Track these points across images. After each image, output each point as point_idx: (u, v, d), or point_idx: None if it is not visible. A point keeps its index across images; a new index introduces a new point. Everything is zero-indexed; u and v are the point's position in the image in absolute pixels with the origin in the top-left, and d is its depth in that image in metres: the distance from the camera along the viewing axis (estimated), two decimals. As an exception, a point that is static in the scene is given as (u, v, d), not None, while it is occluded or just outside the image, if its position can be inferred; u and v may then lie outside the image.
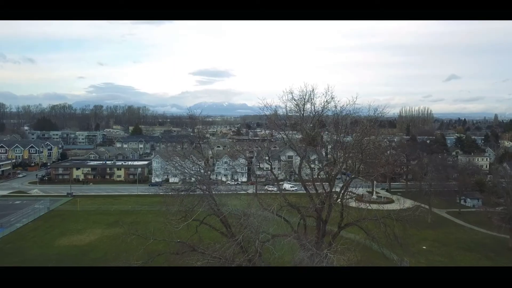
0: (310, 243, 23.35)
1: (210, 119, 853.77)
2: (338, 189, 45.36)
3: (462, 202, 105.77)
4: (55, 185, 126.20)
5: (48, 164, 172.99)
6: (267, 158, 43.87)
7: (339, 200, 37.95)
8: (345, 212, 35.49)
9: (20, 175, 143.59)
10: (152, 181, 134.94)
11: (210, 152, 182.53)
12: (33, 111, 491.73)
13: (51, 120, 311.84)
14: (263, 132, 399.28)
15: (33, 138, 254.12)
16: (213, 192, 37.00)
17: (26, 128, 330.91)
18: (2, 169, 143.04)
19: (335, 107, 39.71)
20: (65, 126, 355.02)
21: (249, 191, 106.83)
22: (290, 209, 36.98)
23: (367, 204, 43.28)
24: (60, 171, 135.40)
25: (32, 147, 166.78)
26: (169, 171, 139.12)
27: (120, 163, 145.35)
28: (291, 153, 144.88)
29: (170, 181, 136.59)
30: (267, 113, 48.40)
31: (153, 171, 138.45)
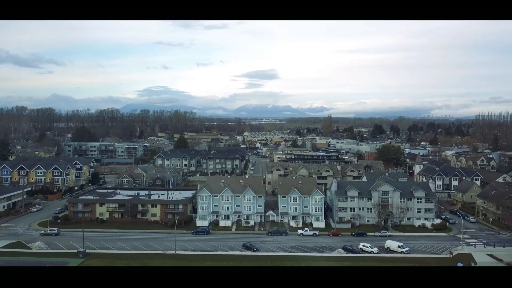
0: None
1: (257, 122, 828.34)
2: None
3: None
4: (69, 229, 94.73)
5: (75, 188, 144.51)
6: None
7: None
8: None
9: (34, 209, 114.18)
10: (197, 224, 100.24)
11: (269, 177, 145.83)
12: (82, 116, 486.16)
13: (90, 130, 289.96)
14: (319, 141, 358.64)
15: (69, 151, 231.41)
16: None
17: (69, 136, 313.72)
18: (14, 200, 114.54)
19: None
20: (109, 133, 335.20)
21: (333, 254, 69.71)
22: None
23: None
24: (80, 207, 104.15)
25: (56, 168, 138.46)
26: (220, 210, 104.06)
27: (156, 196, 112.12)
28: (386, 187, 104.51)
29: (220, 224, 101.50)
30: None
31: (198, 209, 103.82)
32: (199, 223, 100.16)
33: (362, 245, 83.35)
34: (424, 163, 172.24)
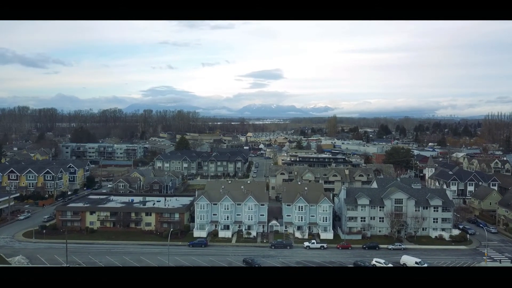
0: None
1: (260, 122, 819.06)
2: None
3: None
4: (56, 241, 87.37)
5: (69, 192, 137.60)
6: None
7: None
8: None
9: (22, 217, 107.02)
10: (194, 234, 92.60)
11: (273, 181, 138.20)
12: (84, 116, 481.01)
13: (91, 130, 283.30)
14: (324, 142, 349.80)
15: (67, 152, 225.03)
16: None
17: (69, 136, 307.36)
18: (0, 207, 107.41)
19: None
20: (110, 134, 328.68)
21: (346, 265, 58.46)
22: None
23: None
24: (68, 215, 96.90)
25: (48, 172, 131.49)
26: (219, 220, 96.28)
27: (152, 203, 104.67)
28: (400, 194, 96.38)
29: (220, 235, 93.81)
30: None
31: (195, 218, 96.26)
32: (197, 233, 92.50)
33: (376, 261, 75.38)
34: (435, 165, 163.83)
